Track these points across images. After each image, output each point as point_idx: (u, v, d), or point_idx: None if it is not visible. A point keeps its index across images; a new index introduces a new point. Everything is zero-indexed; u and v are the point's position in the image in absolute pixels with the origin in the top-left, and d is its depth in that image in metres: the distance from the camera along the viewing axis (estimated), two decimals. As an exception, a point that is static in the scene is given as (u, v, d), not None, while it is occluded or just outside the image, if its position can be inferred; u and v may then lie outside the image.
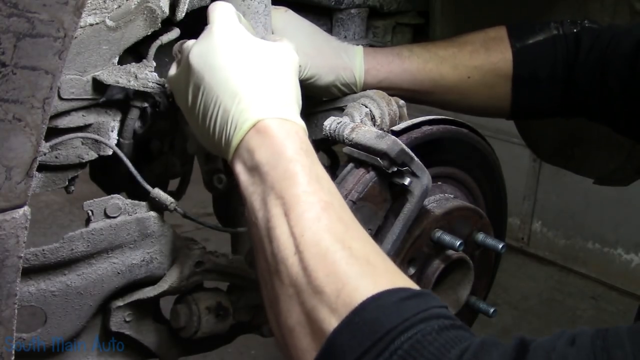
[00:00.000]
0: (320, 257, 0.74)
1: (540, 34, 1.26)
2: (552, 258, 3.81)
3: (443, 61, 1.25)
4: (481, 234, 1.15)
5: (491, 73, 1.26)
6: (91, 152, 1.05)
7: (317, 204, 0.79)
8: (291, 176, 0.81)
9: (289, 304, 0.75)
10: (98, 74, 1.00)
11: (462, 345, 0.67)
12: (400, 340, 0.67)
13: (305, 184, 0.80)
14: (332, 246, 0.75)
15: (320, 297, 0.72)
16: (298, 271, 0.74)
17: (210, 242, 1.22)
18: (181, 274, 1.09)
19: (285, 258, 0.76)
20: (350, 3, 1.30)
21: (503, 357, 0.65)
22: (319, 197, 0.80)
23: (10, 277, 0.72)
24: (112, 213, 1.03)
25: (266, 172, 0.82)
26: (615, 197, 3.34)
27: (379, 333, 0.67)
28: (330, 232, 0.76)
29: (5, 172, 0.68)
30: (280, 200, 0.79)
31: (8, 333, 0.74)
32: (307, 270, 0.74)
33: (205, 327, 1.12)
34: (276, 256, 0.77)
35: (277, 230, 0.78)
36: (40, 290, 1.01)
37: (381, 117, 1.15)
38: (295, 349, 0.74)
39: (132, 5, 0.99)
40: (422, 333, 0.67)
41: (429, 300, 0.72)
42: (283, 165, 0.82)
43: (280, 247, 0.77)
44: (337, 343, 0.69)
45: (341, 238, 0.76)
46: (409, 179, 1.01)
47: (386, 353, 0.66)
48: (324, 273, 0.73)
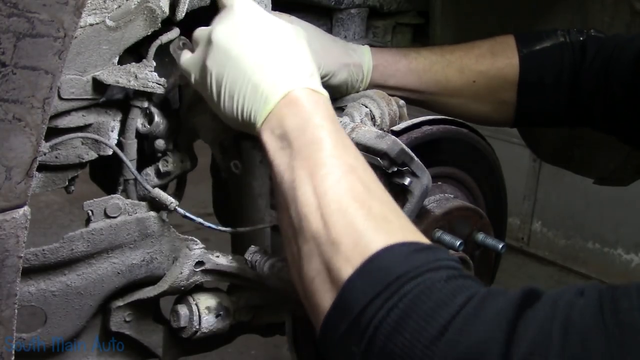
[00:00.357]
0: (339, 214, 0.79)
1: (547, 40, 1.26)
2: (552, 258, 3.80)
3: (449, 64, 1.26)
4: (481, 234, 1.15)
5: (497, 78, 1.26)
6: (91, 152, 1.05)
7: (341, 167, 0.84)
8: (318, 141, 0.85)
9: (309, 256, 0.80)
10: (98, 74, 1.00)
11: (468, 292, 0.70)
12: (409, 285, 0.71)
13: (331, 148, 0.85)
14: (351, 205, 0.80)
15: (337, 247, 0.77)
16: (318, 226, 0.80)
17: (210, 242, 1.21)
18: (181, 274, 1.09)
19: (307, 214, 0.81)
20: (350, 3, 1.30)
21: (509, 302, 0.68)
22: (343, 161, 0.84)
23: (10, 277, 0.72)
24: (112, 213, 1.03)
25: (294, 138, 0.87)
26: (615, 197, 3.34)
27: (390, 278, 0.72)
28: (351, 192, 0.81)
29: (5, 172, 0.68)
30: (306, 162, 0.84)
31: (8, 333, 0.74)
32: (327, 224, 0.79)
33: (205, 327, 1.12)
34: (299, 213, 0.82)
35: (301, 189, 0.83)
36: (40, 290, 1.01)
37: (381, 117, 1.15)
38: (315, 297, 0.79)
39: (132, 5, 0.99)
40: (431, 280, 0.72)
41: (438, 253, 0.77)
42: (310, 131, 0.86)
43: (303, 205, 0.82)
44: (352, 288, 0.74)
45: (361, 198, 0.81)
46: (409, 179, 1.01)
47: (395, 297, 0.71)
48: (342, 227, 0.78)
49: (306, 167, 0.84)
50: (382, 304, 0.71)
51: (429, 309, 0.69)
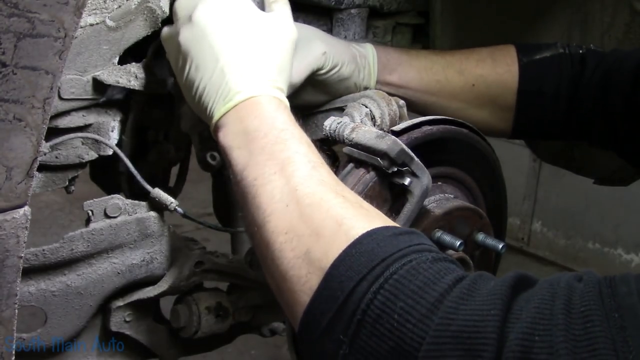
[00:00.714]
0: (315, 206, 0.79)
1: (546, 51, 1.27)
2: (552, 258, 3.80)
3: (449, 65, 1.26)
4: (481, 234, 1.15)
5: (496, 84, 1.26)
6: (91, 152, 1.05)
7: (308, 163, 0.84)
8: (282, 141, 0.86)
9: (282, 250, 0.79)
10: (98, 74, 1.00)
11: (455, 274, 0.71)
12: (395, 266, 0.71)
13: (297, 147, 0.86)
14: (325, 195, 0.80)
15: (317, 237, 0.77)
16: (293, 218, 0.79)
17: (210, 242, 1.22)
18: (181, 274, 1.09)
19: (278, 209, 0.81)
20: (350, 3, 1.30)
21: (503, 283, 0.68)
22: (309, 158, 0.85)
23: (10, 277, 0.72)
24: (112, 213, 1.03)
25: (255, 138, 0.87)
26: (615, 197, 3.34)
27: (375, 261, 0.72)
28: (323, 185, 0.82)
29: (6, 172, 0.68)
30: (272, 161, 0.85)
31: (8, 333, 0.74)
32: (303, 216, 0.79)
33: (205, 327, 1.12)
34: (266, 209, 0.82)
35: (267, 186, 0.83)
36: (40, 290, 1.01)
37: (381, 117, 1.15)
38: (292, 292, 0.78)
39: (132, 5, 0.99)
40: (417, 261, 0.72)
41: (421, 238, 0.77)
42: (274, 133, 0.87)
43: (272, 201, 0.82)
44: (335, 274, 0.73)
45: (334, 189, 0.82)
46: (409, 179, 1.01)
47: (381, 278, 0.70)
48: (319, 217, 0.78)
49: (272, 165, 0.84)
50: (369, 287, 0.70)
51: (417, 287, 0.69)
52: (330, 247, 0.75)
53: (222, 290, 1.19)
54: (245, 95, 0.90)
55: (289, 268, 0.78)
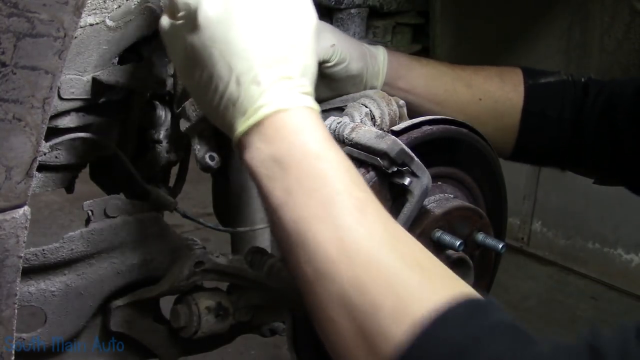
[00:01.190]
0: (368, 266, 0.70)
1: (551, 76, 1.30)
2: (552, 258, 3.80)
3: (458, 77, 1.27)
4: (481, 234, 1.15)
5: (503, 101, 1.27)
6: (91, 152, 1.05)
7: (352, 204, 0.74)
8: (321, 176, 0.75)
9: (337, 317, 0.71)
10: (98, 74, 1.00)
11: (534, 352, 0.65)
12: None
13: (338, 182, 0.75)
14: (378, 252, 0.71)
15: (376, 312, 0.68)
16: (346, 282, 0.70)
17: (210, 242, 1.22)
18: (181, 274, 1.09)
19: (328, 269, 0.71)
20: (350, 3, 1.30)
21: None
22: (354, 196, 0.75)
23: (10, 277, 0.72)
24: (112, 213, 1.03)
25: (288, 167, 0.76)
26: (615, 197, 3.33)
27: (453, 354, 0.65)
28: (373, 235, 0.72)
29: (5, 172, 0.68)
30: (312, 201, 0.74)
31: (8, 333, 0.74)
32: (357, 280, 0.70)
33: (205, 327, 1.12)
34: (315, 262, 0.72)
35: (308, 234, 0.73)
36: (40, 290, 1.01)
37: (381, 117, 1.15)
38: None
39: (132, 5, 0.99)
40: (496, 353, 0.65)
41: (491, 310, 0.69)
42: (309, 162, 0.76)
43: (318, 254, 0.72)
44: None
45: (385, 241, 0.72)
46: (409, 179, 1.01)
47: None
48: (376, 284, 0.69)
49: (313, 206, 0.74)
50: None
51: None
52: (393, 325, 0.67)
53: (222, 290, 1.19)
54: (267, 110, 0.77)
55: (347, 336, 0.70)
